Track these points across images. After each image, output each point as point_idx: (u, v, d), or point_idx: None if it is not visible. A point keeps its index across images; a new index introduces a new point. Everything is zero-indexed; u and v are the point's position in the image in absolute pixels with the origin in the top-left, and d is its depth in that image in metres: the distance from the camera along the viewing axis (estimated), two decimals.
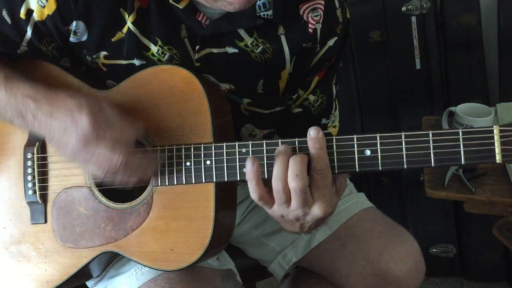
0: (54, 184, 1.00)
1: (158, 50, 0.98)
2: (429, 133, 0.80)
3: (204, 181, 0.91)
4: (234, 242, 1.23)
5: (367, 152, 0.83)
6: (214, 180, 0.90)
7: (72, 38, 0.98)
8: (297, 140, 0.86)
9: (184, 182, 0.92)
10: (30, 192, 1.00)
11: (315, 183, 0.83)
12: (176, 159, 0.92)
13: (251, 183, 0.84)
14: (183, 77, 0.93)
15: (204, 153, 0.90)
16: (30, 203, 1.00)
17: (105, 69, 1.00)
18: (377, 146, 0.82)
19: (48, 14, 0.94)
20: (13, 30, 0.95)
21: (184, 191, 0.93)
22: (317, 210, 0.85)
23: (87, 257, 0.98)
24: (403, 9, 1.76)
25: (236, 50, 0.99)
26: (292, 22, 1.00)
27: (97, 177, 0.95)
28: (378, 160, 0.82)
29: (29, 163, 1.00)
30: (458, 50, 1.79)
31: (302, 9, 1.01)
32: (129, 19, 0.96)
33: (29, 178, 1.00)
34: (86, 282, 1.11)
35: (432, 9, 1.76)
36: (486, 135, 0.79)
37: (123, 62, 0.99)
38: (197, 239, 0.92)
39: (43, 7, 0.94)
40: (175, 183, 0.92)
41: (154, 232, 0.94)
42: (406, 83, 1.85)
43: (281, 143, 0.86)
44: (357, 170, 0.83)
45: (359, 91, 1.88)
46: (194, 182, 0.91)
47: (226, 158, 0.89)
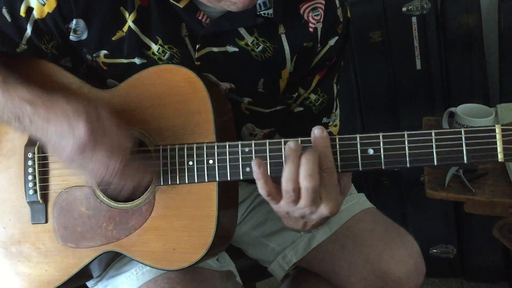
0: (55, 183, 1.00)
1: (159, 48, 0.97)
2: (431, 132, 0.81)
3: (206, 180, 0.91)
4: (234, 242, 1.23)
5: (370, 151, 0.83)
6: (217, 179, 0.90)
7: (72, 37, 0.98)
8: (299, 139, 0.86)
9: (186, 182, 0.92)
10: (31, 191, 1.00)
11: (323, 182, 0.83)
12: (178, 159, 0.92)
13: (260, 182, 0.84)
14: (186, 76, 0.93)
15: (206, 152, 0.90)
16: (30, 203, 1.00)
17: (105, 68, 1.00)
18: (380, 145, 0.83)
19: (48, 12, 0.94)
20: (13, 28, 0.95)
21: (186, 191, 0.93)
22: (324, 209, 0.84)
23: (89, 257, 0.98)
24: (404, 9, 1.76)
25: (236, 49, 0.99)
26: (292, 21, 1.00)
27: (93, 184, 0.96)
28: (381, 159, 0.83)
29: (29, 163, 1.00)
30: (459, 51, 1.79)
31: (302, 8, 1.01)
32: (129, 18, 0.96)
33: (29, 177, 1.00)
34: (87, 282, 1.11)
35: (432, 9, 1.76)
36: (488, 134, 0.80)
37: (124, 61, 0.99)
38: (199, 239, 0.92)
39: (43, 5, 0.94)
40: (178, 183, 0.92)
41: (157, 231, 0.94)
42: (406, 84, 1.85)
43: (284, 143, 0.86)
44: (360, 169, 0.84)
45: (360, 91, 1.88)
46: (196, 181, 0.91)
47: (229, 158, 0.89)
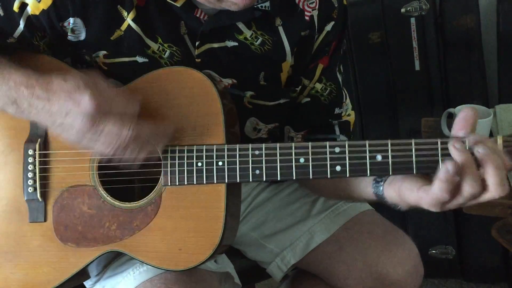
0: (56, 182, 0.99)
1: (159, 47, 0.98)
2: (437, 141, 0.82)
3: (215, 182, 0.91)
4: (233, 243, 1.23)
5: (378, 157, 0.84)
6: (226, 181, 0.91)
7: (70, 37, 0.98)
8: (310, 144, 0.87)
9: (195, 182, 0.92)
10: (30, 189, 0.99)
11: None
12: (187, 160, 0.92)
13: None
14: (197, 79, 0.94)
15: (216, 154, 0.91)
16: (29, 201, 0.99)
17: (105, 68, 1.00)
18: (388, 152, 0.84)
19: (43, 9, 0.94)
20: (5, 22, 0.95)
21: (194, 192, 0.93)
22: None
23: (89, 257, 0.97)
24: (403, 10, 1.77)
25: (236, 43, 0.99)
26: (289, 12, 1.01)
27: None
28: (388, 165, 0.84)
29: (29, 160, 0.99)
30: (457, 52, 1.79)
31: None
32: (129, 17, 0.96)
33: (29, 175, 0.99)
34: (84, 282, 1.10)
35: (431, 10, 1.76)
36: None
37: (125, 59, 0.99)
38: (206, 239, 0.92)
39: (39, 2, 0.93)
40: (186, 183, 0.92)
41: (162, 231, 0.94)
42: (405, 84, 1.85)
43: (294, 147, 0.87)
44: (368, 175, 0.85)
45: (359, 92, 1.89)
46: (205, 182, 0.91)
47: (239, 160, 0.90)
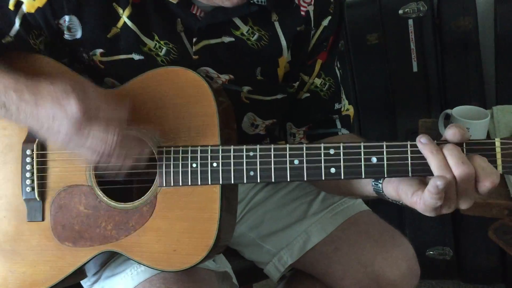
0: (54, 181, 0.99)
1: (156, 44, 0.98)
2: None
3: (210, 183, 0.91)
4: (231, 243, 1.23)
5: (374, 159, 0.84)
6: (221, 182, 0.91)
7: (66, 35, 0.98)
8: (304, 146, 0.87)
9: (189, 183, 0.92)
10: (28, 189, 0.99)
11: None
12: (182, 161, 0.93)
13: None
14: (192, 79, 0.94)
15: (211, 155, 0.91)
16: (27, 200, 0.99)
17: (102, 66, 1.00)
18: (383, 154, 0.84)
19: (38, 7, 0.94)
20: (0, 21, 0.95)
21: (189, 192, 0.93)
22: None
23: (86, 256, 0.98)
24: (400, 12, 1.77)
25: (232, 39, 1.00)
26: (284, 7, 1.02)
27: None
28: (384, 167, 0.84)
29: (27, 160, 0.99)
30: (455, 53, 1.79)
31: None
32: (124, 14, 0.96)
33: (27, 175, 0.99)
34: (82, 282, 1.11)
35: (429, 12, 1.76)
36: (488, 147, 0.81)
37: (122, 57, 0.99)
38: (201, 240, 0.92)
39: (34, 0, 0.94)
40: (180, 184, 0.93)
41: (157, 232, 0.95)
42: (403, 86, 1.85)
43: (289, 148, 0.87)
44: (363, 177, 0.85)
45: (356, 94, 1.89)
46: (200, 183, 0.92)
47: (233, 161, 0.90)
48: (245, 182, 0.90)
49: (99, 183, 0.98)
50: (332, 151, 0.86)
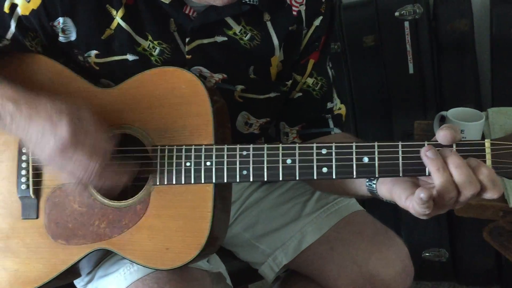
0: (49, 179, 1.00)
1: (149, 44, 0.99)
2: (424, 143, 0.83)
3: (203, 182, 0.92)
4: (225, 244, 1.24)
5: (365, 159, 0.85)
6: (214, 181, 0.91)
7: (61, 38, 0.99)
8: (297, 145, 0.87)
9: (183, 182, 0.93)
10: (23, 186, 0.99)
11: None
12: (175, 159, 0.93)
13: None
14: (187, 79, 0.94)
15: (204, 154, 0.92)
16: (22, 198, 1.00)
17: (97, 68, 1.01)
18: (375, 154, 0.84)
19: (33, 9, 0.95)
20: None
21: (182, 191, 0.94)
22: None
23: (79, 254, 0.98)
24: (396, 14, 1.77)
25: (225, 38, 1.01)
26: (276, 7, 1.02)
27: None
28: (375, 167, 0.84)
29: (23, 158, 1.00)
30: (451, 55, 1.80)
31: None
32: (118, 15, 0.97)
33: (23, 172, 1.00)
34: (76, 283, 1.11)
35: (425, 14, 1.76)
36: (478, 148, 0.82)
37: (116, 58, 1.00)
38: (193, 239, 0.92)
39: (28, 2, 0.95)
40: (174, 183, 0.93)
41: (150, 230, 0.95)
42: (399, 88, 1.85)
43: (281, 148, 0.88)
44: (354, 176, 0.85)
45: (353, 95, 1.89)
46: (193, 182, 0.92)
47: (227, 160, 0.90)
48: (238, 181, 0.90)
49: None
50: (324, 151, 0.86)
